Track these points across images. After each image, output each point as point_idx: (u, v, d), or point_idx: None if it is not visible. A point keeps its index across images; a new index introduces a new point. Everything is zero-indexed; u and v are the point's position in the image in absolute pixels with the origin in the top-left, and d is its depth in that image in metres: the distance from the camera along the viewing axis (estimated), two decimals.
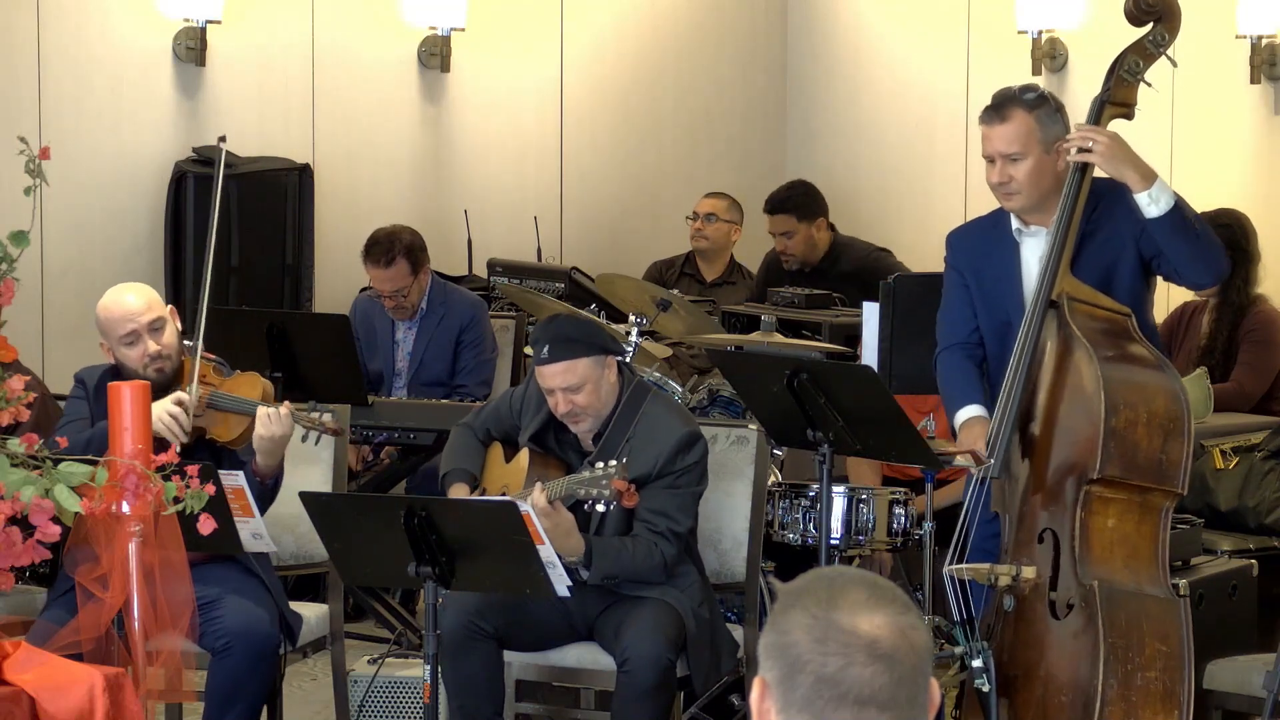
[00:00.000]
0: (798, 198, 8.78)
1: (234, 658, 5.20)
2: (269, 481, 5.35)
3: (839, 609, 2.35)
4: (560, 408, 5.38)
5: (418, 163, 9.41)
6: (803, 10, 10.29)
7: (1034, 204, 5.22)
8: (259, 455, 5.31)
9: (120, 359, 5.43)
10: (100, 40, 8.56)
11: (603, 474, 5.14)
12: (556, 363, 5.34)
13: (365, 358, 7.54)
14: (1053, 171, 5.19)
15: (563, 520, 5.18)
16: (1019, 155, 5.19)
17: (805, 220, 8.72)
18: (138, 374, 5.37)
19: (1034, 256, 5.23)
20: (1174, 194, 5.07)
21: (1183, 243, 5.07)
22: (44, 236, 8.07)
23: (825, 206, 8.82)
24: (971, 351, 5.37)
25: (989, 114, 5.25)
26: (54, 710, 4.26)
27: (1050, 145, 5.18)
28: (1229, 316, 7.60)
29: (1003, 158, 5.20)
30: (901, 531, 6.18)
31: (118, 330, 5.41)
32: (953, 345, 5.41)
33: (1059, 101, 5.28)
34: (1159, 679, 4.85)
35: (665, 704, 5.26)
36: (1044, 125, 5.19)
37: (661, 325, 7.28)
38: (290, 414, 5.28)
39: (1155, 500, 4.98)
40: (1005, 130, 5.20)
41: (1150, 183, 5.06)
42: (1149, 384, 4.97)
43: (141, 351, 5.38)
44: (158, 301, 5.48)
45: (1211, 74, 8.28)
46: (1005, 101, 5.23)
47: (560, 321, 5.54)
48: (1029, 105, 5.20)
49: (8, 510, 4.26)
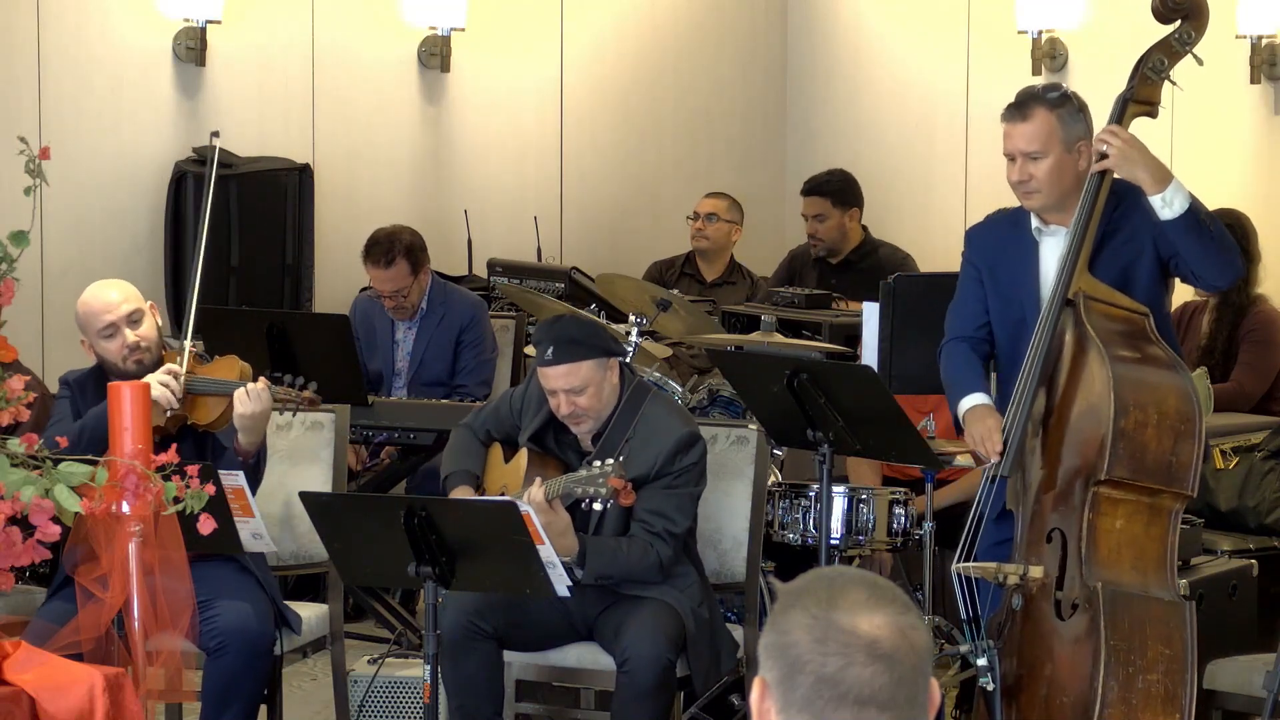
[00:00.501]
0: (836, 183, 8.76)
1: (229, 657, 5.20)
2: (251, 460, 5.35)
3: (839, 609, 2.35)
4: (563, 409, 5.38)
5: (418, 163, 9.41)
6: (803, 10, 10.29)
7: (1054, 203, 5.22)
8: (240, 434, 5.31)
9: (100, 353, 5.42)
10: (100, 40, 8.56)
11: (599, 472, 5.15)
12: (560, 365, 5.34)
13: (365, 358, 7.54)
14: (1073, 170, 5.18)
15: (558, 519, 5.18)
16: (1039, 154, 5.18)
17: (840, 207, 8.70)
18: (117, 368, 5.37)
19: (1053, 256, 5.23)
20: (1189, 196, 5.06)
21: (1197, 245, 5.07)
22: (44, 236, 8.07)
23: (862, 200, 8.80)
24: (977, 345, 5.37)
25: (1011, 112, 5.24)
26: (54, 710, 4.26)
27: (1072, 144, 5.18)
28: (1229, 316, 7.60)
29: (1023, 156, 5.20)
30: (901, 531, 6.18)
31: (95, 324, 5.40)
32: (959, 337, 5.40)
33: (1082, 101, 5.27)
34: (1161, 682, 4.84)
35: (665, 704, 5.26)
36: (1065, 124, 5.18)
37: (661, 325, 7.28)
38: (267, 389, 5.28)
39: (1165, 502, 4.97)
40: (1027, 129, 5.20)
41: (1164, 185, 5.05)
42: (1161, 385, 4.96)
43: (120, 344, 5.38)
44: (135, 295, 5.48)
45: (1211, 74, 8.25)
46: (1028, 100, 5.23)
47: (564, 323, 5.53)
48: (1051, 104, 5.20)
49: (8, 510, 4.25)
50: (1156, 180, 5.06)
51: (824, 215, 8.70)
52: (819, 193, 8.76)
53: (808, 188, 8.82)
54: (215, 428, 5.40)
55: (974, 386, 5.28)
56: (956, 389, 5.33)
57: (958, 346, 5.39)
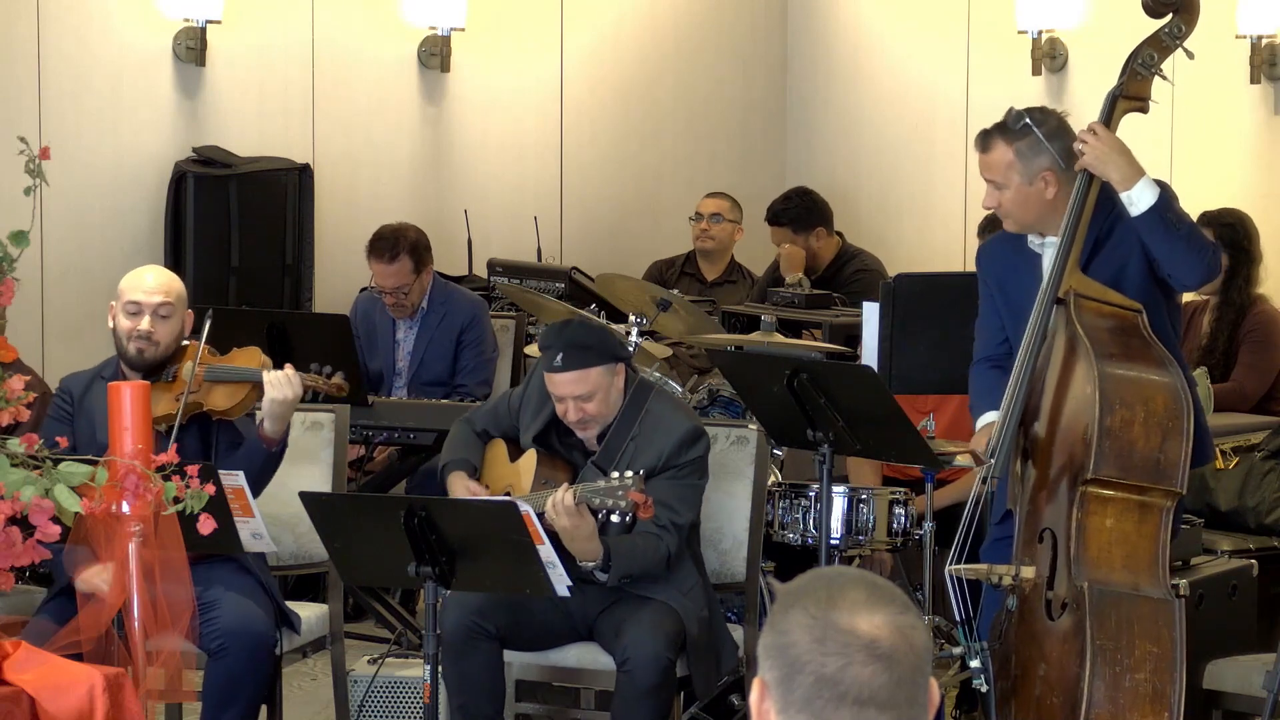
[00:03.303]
0: (793, 210, 8.77)
1: (230, 658, 5.20)
2: (276, 447, 5.38)
3: (838, 609, 2.35)
4: (570, 415, 5.37)
5: (418, 163, 9.41)
6: (803, 10, 10.29)
7: (1026, 227, 5.24)
8: (267, 421, 5.35)
9: (116, 325, 5.48)
10: (100, 40, 8.56)
11: (619, 485, 5.11)
12: (569, 371, 5.33)
13: (365, 357, 7.54)
14: (1039, 200, 5.17)
15: (585, 524, 5.16)
16: (1000, 184, 5.21)
17: (802, 232, 8.72)
18: (120, 344, 5.44)
19: None
20: (1158, 194, 5.05)
21: (1164, 242, 5.08)
22: (44, 236, 8.07)
23: (826, 215, 8.79)
24: (1001, 361, 5.36)
25: (978, 140, 5.28)
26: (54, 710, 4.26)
27: (1033, 176, 5.15)
28: (1230, 317, 7.60)
29: (988, 183, 5.23)
30: (901, 531, 6.18)
31: (126, 295, 5.47)
32: (983, 359, 5.43)
33: (1057, 124, 5.20)
34: (1148, 680, 4.83)
35: (665, 704, 5.26)
36: (1024, 158, 5.16)
37: (661, 325, 7.28)
38: (298, 374, 5.35)
39: (1155, 500, 4.97)
40: (986, 160, 5.24)
41: (1132, 183, 5.06)
42: (1149, 382, 4.95)
43: (133, 326, 5.41)
44: (178, 293, 5.51)
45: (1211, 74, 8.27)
46: (991, 131, 5.23)
47: (573, 328, 5.49)
48: (1011, 137, 5.17)
49: (8, 510, 4.25)
50: (1125, 178, 5.06)
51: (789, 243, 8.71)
52: (777, 223, 8.77)
53: (769, 217, 8.84)
54: (231, 415, 5.43)
55: (991, 405, 5.29)
56: (976, 410, 5.37)
57: (981, 368, 5.42)
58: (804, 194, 8.87)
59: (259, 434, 5.36)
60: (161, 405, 5.39)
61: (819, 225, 8.75)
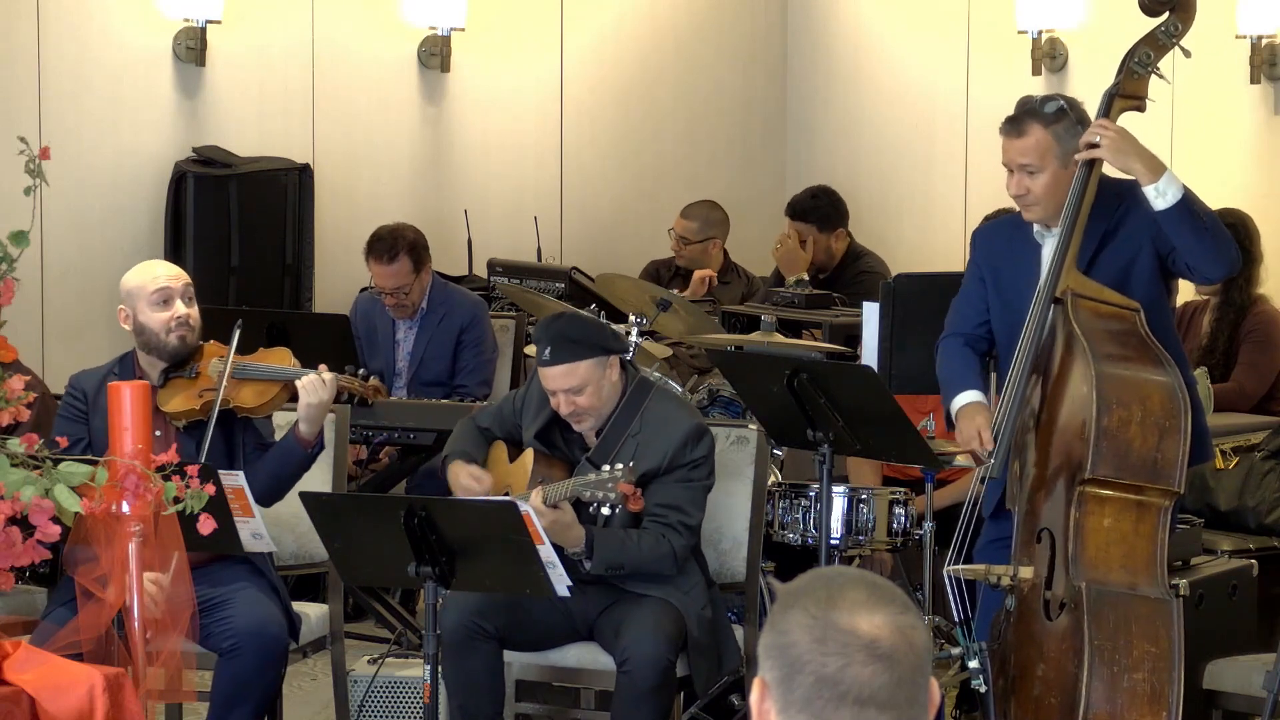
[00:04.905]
0: (823, 209, 8.67)
1: (242, 658, 5.19)
2: (312, 449, 5.40)
3: (838, 609, 2.35)
4: (563, 408, 5.38)
5: (418, 163, 9.41)
6: (803, 10, 10.29)
7: (1052, 215, 5.19)
8: (302, 423, 5.36)
9: (144, 322, 5.40)
10: (100, 40, 8.56)
11: (609, 477, 5.13)
12: (558, 365, 5.33)
13: (365, 357, 7.54)
14: (1068, 186, 5.15)
15: (562, 515, 5.17)
16: (1035, 169, 5.16)
17: (826, 231, 8.67)
18: (157, 339, 5.38)
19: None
20: (1182, 186, 5.05)
21: (1190, 235, 5.05)
22: (44, 236, 8.07)
23: (847, 215, 8.76)
24: (975, 342, 5.36)
25: (1007, 126, 5.22)
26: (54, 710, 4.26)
27: (1068, 159, 5.13)
28: (1230, 317, 7.60)
29: (1019, 169, 5.18)
30: (901, 531, 6.18)
31: (149, 288, 5.40)
32: (956, 334, 5.39)
33: (1083, 113, 5.22)
34: (1147, 680, 4.82)
35: (665, 704, 5.25)
36: (1061, 140, 5.15)
37: (661, 325, 7.28)
38: (334, 377, 5.35)
39: (1152, 500, 4.96)
40: (1021, 144, 5.17)
41: (1158, 175, 5.03)
42: (1146, 381, 4.94)
43: (170, 315, 5.38)
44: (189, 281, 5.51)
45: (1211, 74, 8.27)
46: (1024, 115, 5.19)
47: (562, 322, 5.50)
48: (1047, 120, 5.16)
49: (8, 510, 4.25)
50: (1150, 170, 5.04)
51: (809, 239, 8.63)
52: (804, 219, 8.68)
53: (793, 211, 8.71)
54: (257, 414, 5.43)
55: (968, 384, 5.28)
56: (950, 387, 5.32)
57: (953, 343, 5.39)
58: (829, 192, 8.80)
59: (295, 435, 5.37)
60: (183, 401, 5.39)
61: (840, 226, 8.72)
